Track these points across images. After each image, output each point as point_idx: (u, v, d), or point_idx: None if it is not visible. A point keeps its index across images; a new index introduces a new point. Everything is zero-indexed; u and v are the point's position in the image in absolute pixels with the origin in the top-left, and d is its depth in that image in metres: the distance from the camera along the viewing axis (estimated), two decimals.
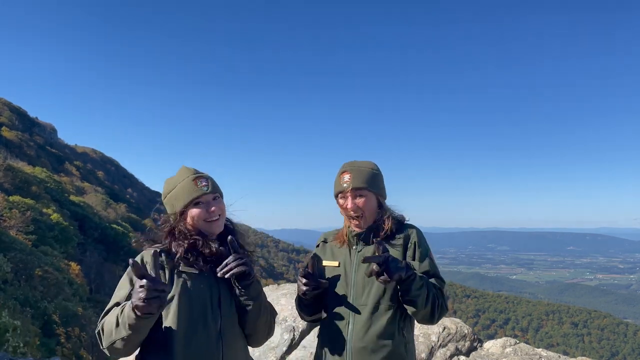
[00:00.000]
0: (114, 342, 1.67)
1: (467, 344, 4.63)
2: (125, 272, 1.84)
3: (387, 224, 2.06)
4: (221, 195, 1.97)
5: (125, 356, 1.81)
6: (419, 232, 2.10)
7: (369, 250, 2.04)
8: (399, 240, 2.06)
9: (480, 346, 4.70)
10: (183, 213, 1.90)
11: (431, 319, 1.97)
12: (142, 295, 1.53)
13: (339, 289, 2.04)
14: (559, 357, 4.47)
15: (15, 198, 23.89)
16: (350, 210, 2.03)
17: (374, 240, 1.97)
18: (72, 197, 35.79)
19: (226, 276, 1.79)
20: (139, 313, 1.57)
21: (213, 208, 1.88)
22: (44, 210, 26.19)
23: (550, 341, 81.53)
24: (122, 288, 1.81)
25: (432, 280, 2.00)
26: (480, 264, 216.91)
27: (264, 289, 2.15)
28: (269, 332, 2.03)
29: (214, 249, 1.86)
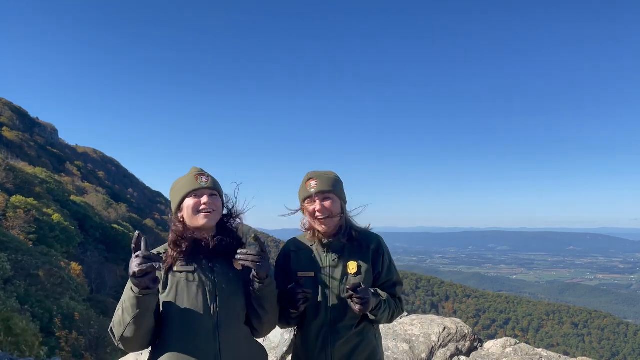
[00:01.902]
0: (124, 332, 1.80)
1: (468, 344, 4.64)
2: None
3: (354, 231, 2.26)
4: (220, 195, 2.09)
5: (139, 350, 1.92)
6: (383, 240, 2.33)
7: (351, 267, 2.19)
8: (367, 250, 2.25)
9: (481, 346, 4.71)
10: (180, 207, 2.04)
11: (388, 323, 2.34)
12: (137, 262, 1.69)
13: (316, 297, 2.19)
14: (560, 357, 4.48)
15: (18, 198, 23.90)
16: (318, 212, 2.18)
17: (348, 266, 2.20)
18: (73, 197, 35.79)
19: (241, 262, 1.90)
20: (136, 283, 1.71)
21: (205, 199, 2.00)
22: (45, 210, 26.20)
23: (551, 341, 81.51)
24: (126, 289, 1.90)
25: (395, 289, 2.29)
26: (481, 264, 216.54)
27: None
28: (272, 328, 2.16)
29: (209, 241, 1.98)
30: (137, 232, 1.78)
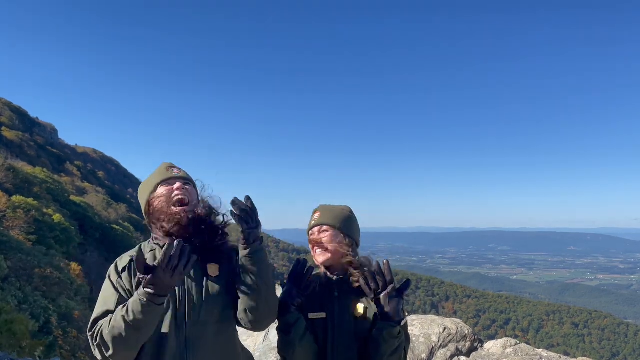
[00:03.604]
0: (124, 348, 1.55)
1: (468, 344, 4.63)
2: (107, 278, 1.75)
3: (355, 273, 2.00)
4: (194, 186, 1.86)
5: None
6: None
7: (358, 308, 1.99)
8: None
9: (481, 346, 4.70)
10: (150, 202, 1.79)
11: None
12: (164, 263, 1.48)
13: (324, 339, 2.00)
14: (560, 357, 4.47)
15: (18, 198, 23.90)
16: (314, 242, 2.07)
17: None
18: (73, 197, 35.81)
19: (232, 210, 1.68)
20: (153, 291, 1.49)
21: (177, 185, 1.77)
22: (45, 210, 26.21)
23: (551, 341, 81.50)
24: (107, 294, 1.69)
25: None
26: (481, 264, 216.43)
27: None
28: (271, 313, 1.81)
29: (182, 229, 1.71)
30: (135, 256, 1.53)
